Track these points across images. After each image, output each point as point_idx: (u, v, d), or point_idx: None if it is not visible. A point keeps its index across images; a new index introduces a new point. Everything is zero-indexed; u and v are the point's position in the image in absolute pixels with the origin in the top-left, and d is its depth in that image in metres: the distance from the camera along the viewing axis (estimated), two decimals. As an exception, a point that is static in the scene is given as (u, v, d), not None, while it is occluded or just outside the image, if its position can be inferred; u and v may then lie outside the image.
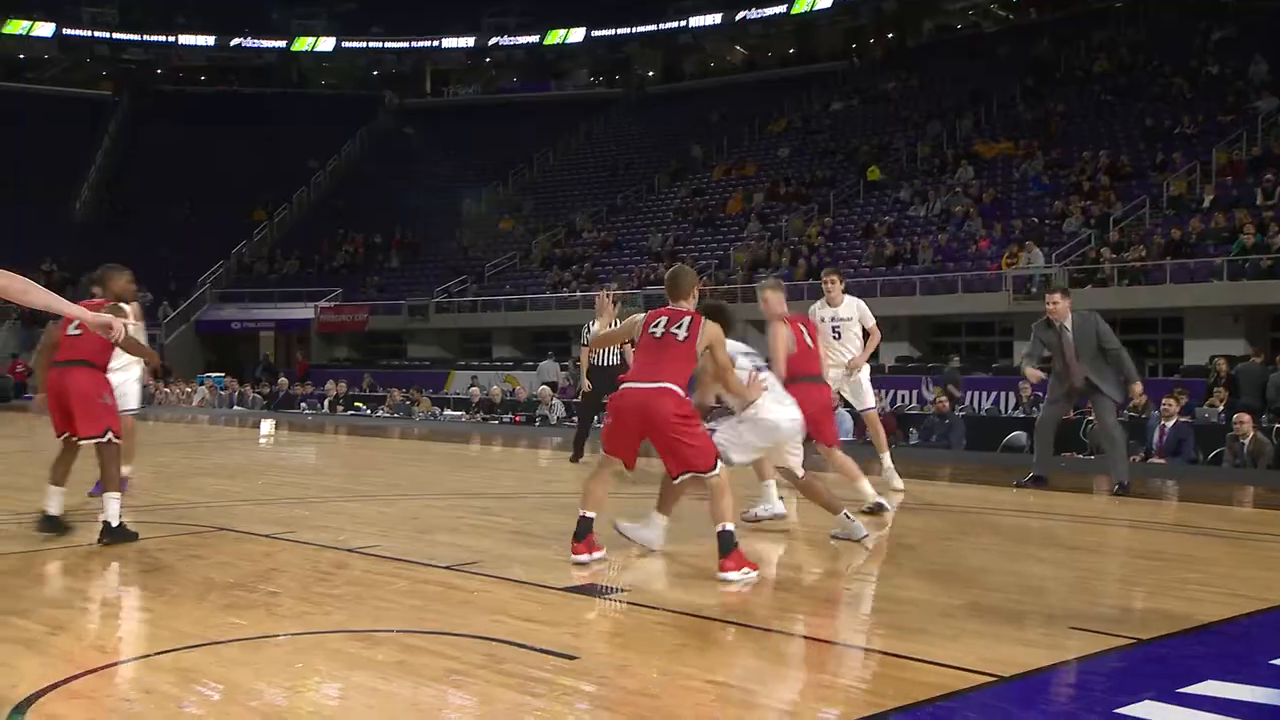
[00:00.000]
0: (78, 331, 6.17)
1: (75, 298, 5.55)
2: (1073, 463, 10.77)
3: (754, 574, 5.20)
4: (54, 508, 6.43)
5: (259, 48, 47.29)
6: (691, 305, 5.73)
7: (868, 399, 8.80)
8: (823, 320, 8.57)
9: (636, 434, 5.51)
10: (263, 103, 43.72)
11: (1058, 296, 8.90)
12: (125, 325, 3.59)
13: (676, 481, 5.48)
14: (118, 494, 6.30)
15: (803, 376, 6.80)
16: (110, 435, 6.27)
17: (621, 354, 11.12)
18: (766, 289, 7.26)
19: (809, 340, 7.14)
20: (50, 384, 6.38)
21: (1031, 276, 21.31)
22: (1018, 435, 12.94)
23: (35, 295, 3.54)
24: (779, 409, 5.87)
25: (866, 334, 8.68)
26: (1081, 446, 11.76)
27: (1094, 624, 4.36)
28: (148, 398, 7.35)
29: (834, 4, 40.89)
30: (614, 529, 5.77)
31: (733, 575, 5.15)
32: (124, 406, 7.48)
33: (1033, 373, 9.30)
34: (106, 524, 6.19)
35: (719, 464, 5.38)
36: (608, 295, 10.01)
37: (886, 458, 8.65)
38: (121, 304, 6.53)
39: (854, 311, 8.66)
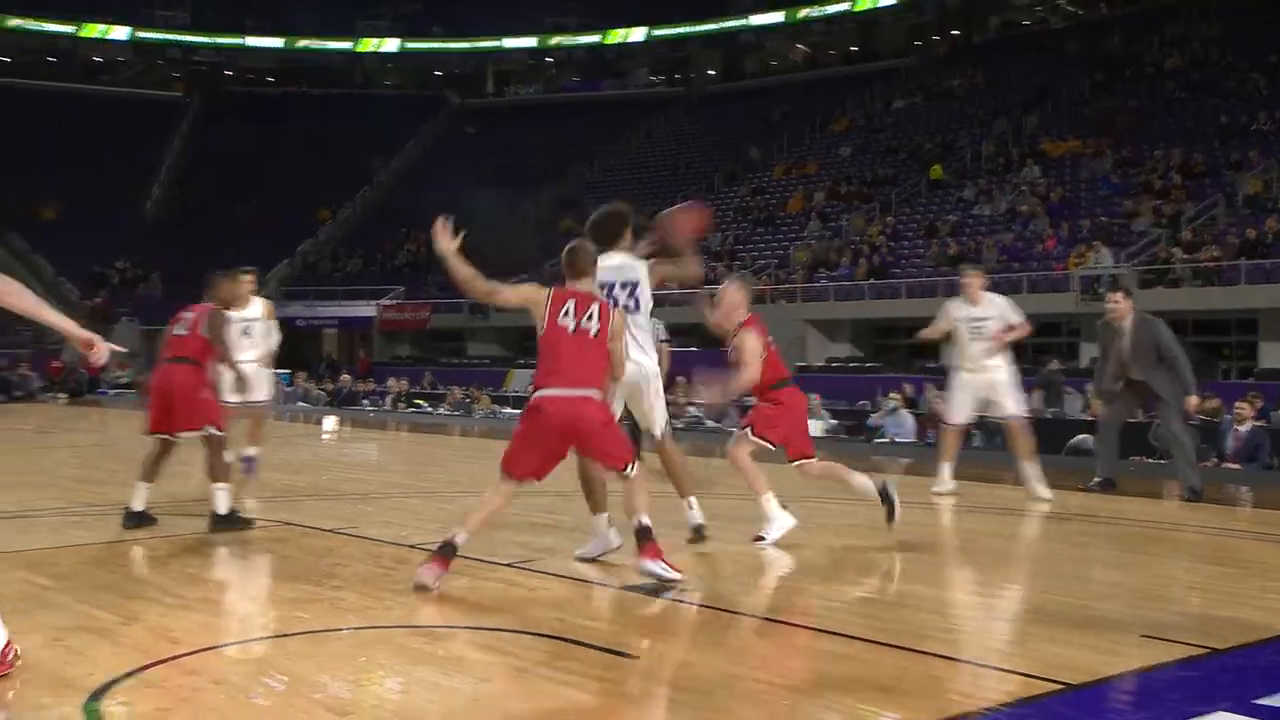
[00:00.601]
0: (184, 331, 6.59)
1: (146, 295, 5.68)
2: (1142, 467, 10.54)
3: (676, 575, 4.92)
4: (138, 504, 6.60)
5: (324, 49, 48.04)
6: (592, 285, 5.19)
7: (1013, 404, 8.33)
8: (959, 320, 8.31)
9: (559, 451, 5.04)
10: (328, 103, 44.44)
11: (1119, 296, 8.73)
12: (107, 347, 3.70)
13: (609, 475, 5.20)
14: (226, 484, 6.56)
15: (785, 381, 6.36)
16: (210, 429, 6.54)
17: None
18: (732, 289, 6.36)
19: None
20: (156, 381, 6.67)
21: (1099, 277, 20.91)
22: (1084, 439, 12.69)
23: (25, 301, 3.62)
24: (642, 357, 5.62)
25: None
26: (1150, 450, 11.51)
27: (1166, 632, 4.26)
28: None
29: (897, 1, 40.51)
30: (579, 562, 5.48)
31: (652, 565, 4.92)
32: (254, 397, 8.42)
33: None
34: (215, 514, 6.45)
35: (634, 462, 5.08)
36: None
37: (1030, 466, 8.18)
38: (225, 310, 6.82)
39: (995, 310, 8.34)
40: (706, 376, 6.79)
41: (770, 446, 6.24)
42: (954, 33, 40.40)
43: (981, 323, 8.27)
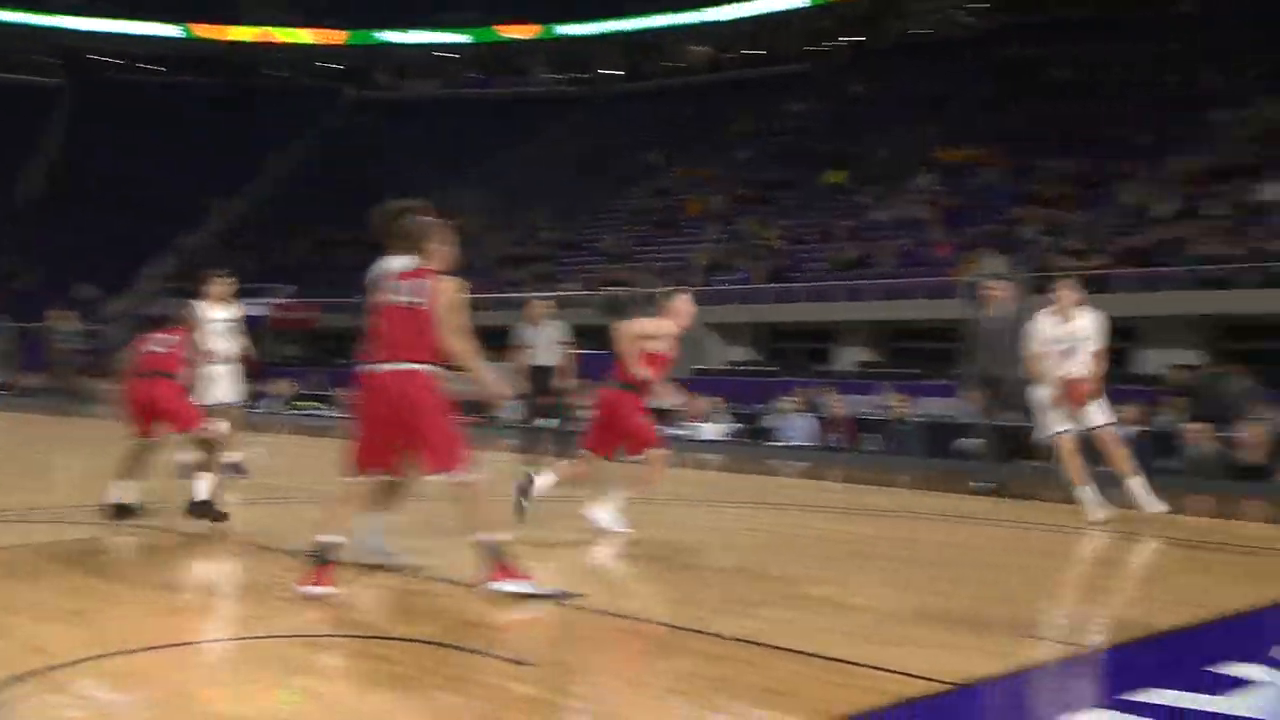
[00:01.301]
0: (161, 350, 6.96)
1: (20, 290, 5.50)
2: (1032, 470, 10.92)
3: (528, 585, 4.75)
4: (118, 497, 6.87)
5: (214, 38, 46.79)
6: (433, 260, 4.91)
7: (1098, 415, 7.75)
8: (1051, 339, 7.76)
9: (393, 431, 4.78)
10: (219, 93, 43.29)
11: (999, 284, 9.08)
12: None
13: (432, 478, 4.89)
14: (209, 476, 6.85)
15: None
16: (206, 427, 6.97)
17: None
18: (679, 296, 6.87)
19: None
20: (134, 395, 6.97)
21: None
22: (969, 442, 13.08)
23: None
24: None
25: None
26: (1031, 454, 11.92)
27: (1045, 631, 4.44)
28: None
29: (800, 6, 41.19)
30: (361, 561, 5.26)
31: (502, 585, 4.74)
32: (227, 399, 8.83)
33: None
34: (193, 500, 6.77)
35: (470, 468, 4.78)
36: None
37: (1135, 482, 7.69)
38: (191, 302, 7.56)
39: (1091, 328, 7.81)
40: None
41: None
42: (855, 39, 41.25)
43: (1080, 342, 7.70)
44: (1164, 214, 22.45)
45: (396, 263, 5.03)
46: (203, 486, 6.83)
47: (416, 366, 4.75)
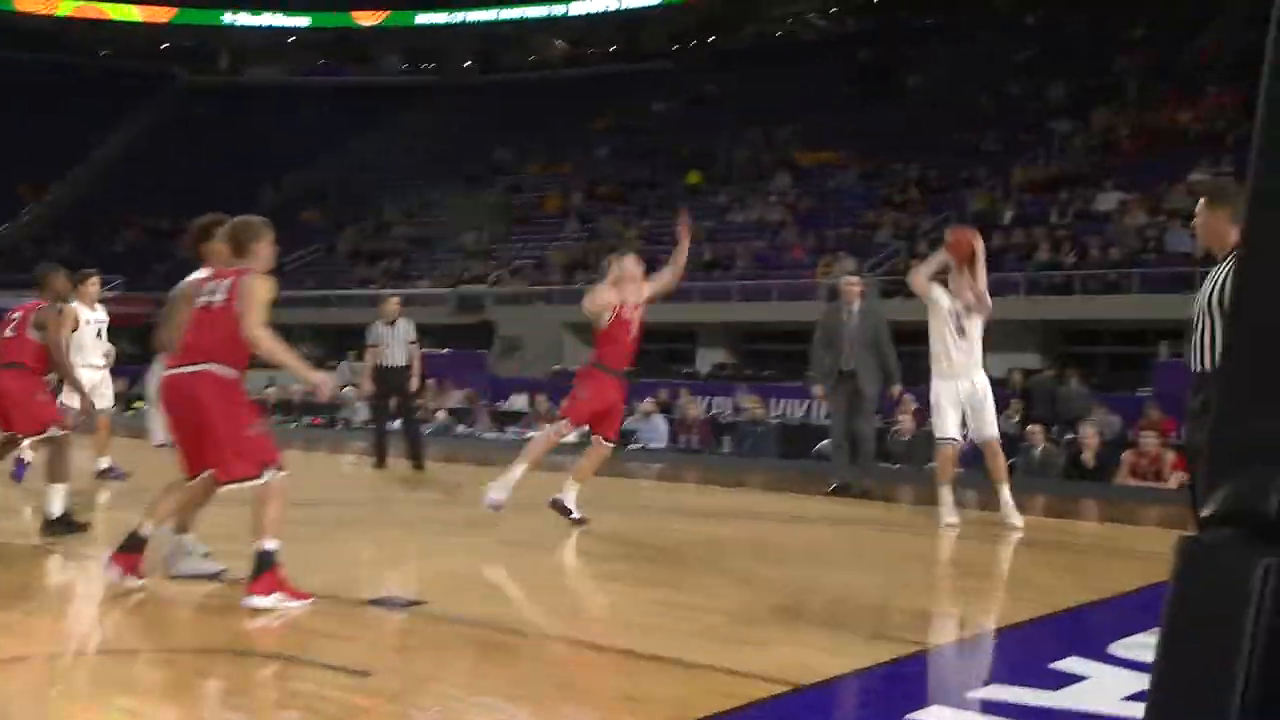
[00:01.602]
0: (12, 334, 6.58)
1: None
2: (882, 472, 11.25)
3: (296, 603, 4.56)
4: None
5: (34, 14, 44.28)
6: (249, 264, 4.85)
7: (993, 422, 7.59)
8: (943, 310, 7.51)
9: (187, 435, 4.73)
10: (35, 70, 41.00)
11: (855, 279, 9.44)
12: None
13: (223, 489, 4.79)
14: (64, 484, 6.41)
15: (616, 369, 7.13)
16: (53, 429, 6.51)
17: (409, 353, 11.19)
18: (626, 257, 7.45)
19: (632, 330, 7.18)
20: None
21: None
22: (828, 444, 13.42)
23: None
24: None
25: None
26: (888, 456, 12.31)
27: (892, 631, 4.57)
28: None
29: (657, 3, 41.52)
30: (173, 576, 5.07)
31: (263, 601, 4.51)
32: (103, 404, 8.90)
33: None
34: (47, 517, 6.32)
35: (268, 470, 4.65)
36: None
37: (1006, 491, 7.56)
38: (60, 304, 6.81)
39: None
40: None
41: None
42: (711, 39, 41.84)
43: (967, 314, 7.51)
44: (1007, 220, 23.48)
45: (205, 273, 5.13)
46: (58, 500, 6.38)
47: (205, 367, 4.68)
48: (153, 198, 35.64)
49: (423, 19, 44.44)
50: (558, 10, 43.16)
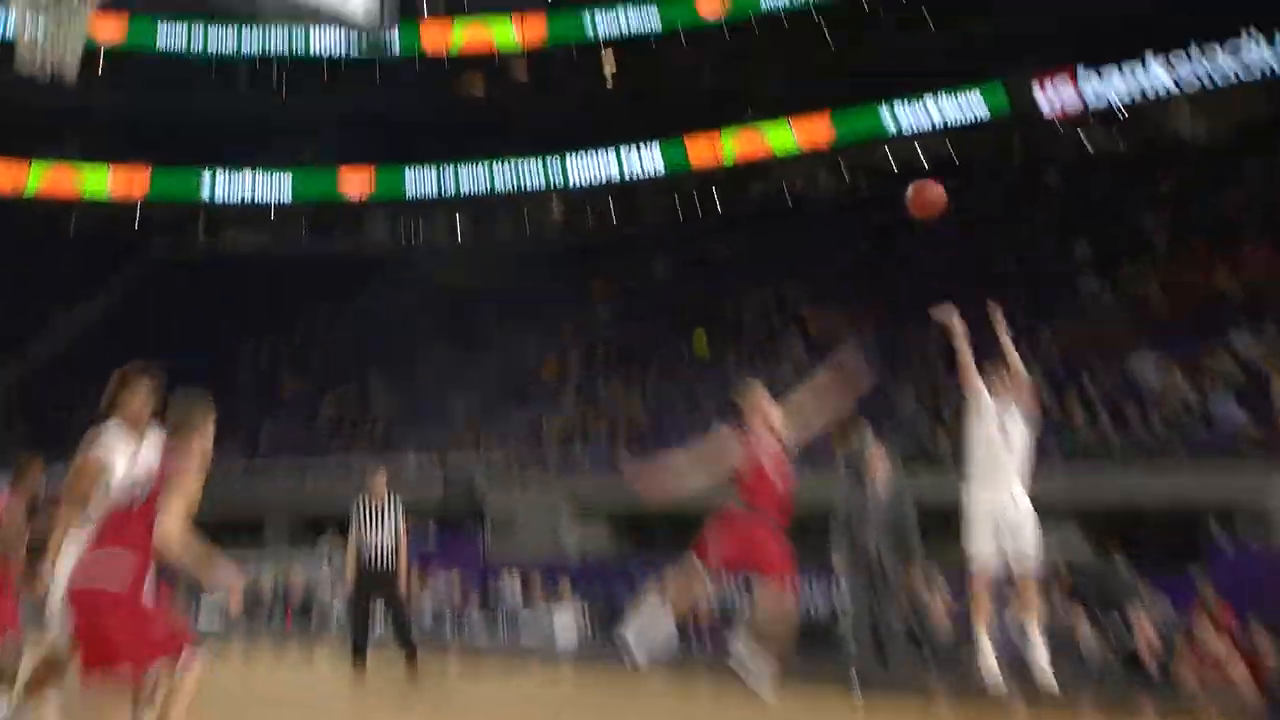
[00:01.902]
0: None
1: None
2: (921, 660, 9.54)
3: None
4: None
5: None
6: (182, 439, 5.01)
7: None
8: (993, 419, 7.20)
9: (91, 631, 4.77)
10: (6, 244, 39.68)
11: (879, 455, 8.70)
12: None
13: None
14: None
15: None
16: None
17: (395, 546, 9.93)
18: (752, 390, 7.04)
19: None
20: None
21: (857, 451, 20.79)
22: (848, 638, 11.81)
23: None
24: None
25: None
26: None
27: None
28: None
29: (659, 173, 41.11)
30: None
31: None
32: None
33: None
34: None
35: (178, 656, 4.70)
36: None
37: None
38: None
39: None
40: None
41: None
42: (715, 200, 41.11)
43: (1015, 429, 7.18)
44: (1041, 385, 22.18)
45: (118, 433, 5.13)
46: None
47: (118, 551, 4.66)
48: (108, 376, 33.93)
49: (413, 191, 43.45)
50: (556, 179, 42.55)
